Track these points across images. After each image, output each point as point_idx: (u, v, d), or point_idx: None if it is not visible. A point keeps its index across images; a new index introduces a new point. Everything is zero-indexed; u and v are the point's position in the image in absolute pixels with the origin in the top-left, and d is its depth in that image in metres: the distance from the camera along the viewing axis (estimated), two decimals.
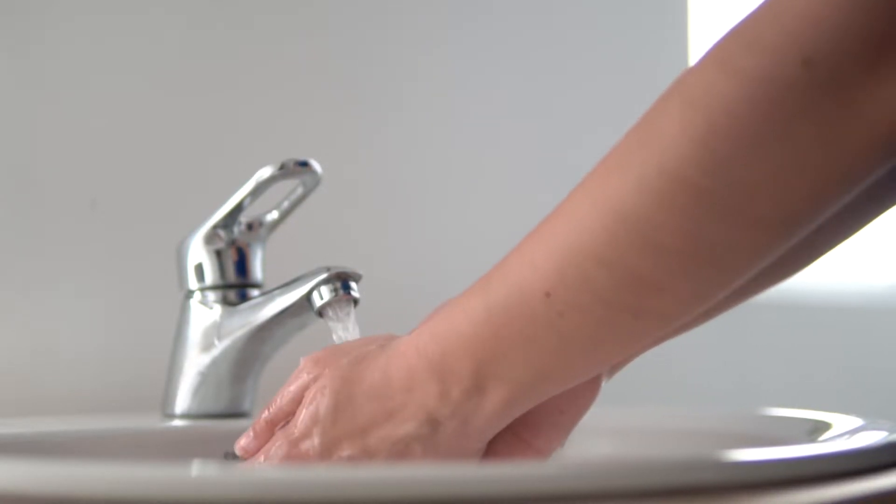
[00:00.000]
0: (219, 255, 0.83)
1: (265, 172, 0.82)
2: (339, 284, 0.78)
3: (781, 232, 0.57)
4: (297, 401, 0.67)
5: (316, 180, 0.84)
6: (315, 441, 0.65)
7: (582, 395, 0.68)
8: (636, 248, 0.58)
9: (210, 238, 0.83)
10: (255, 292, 0.84)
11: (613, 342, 0.62)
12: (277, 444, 0.67)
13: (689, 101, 0.56)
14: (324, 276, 0.78)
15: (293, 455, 0.66)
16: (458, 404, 0.64)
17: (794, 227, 0.57)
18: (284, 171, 0.82)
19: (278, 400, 0.68)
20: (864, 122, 0.54)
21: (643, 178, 0.57)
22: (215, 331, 0.83)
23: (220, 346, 0.82)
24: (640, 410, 0.89)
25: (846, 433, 0.70)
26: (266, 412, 0.69)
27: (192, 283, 0.84)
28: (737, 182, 0.55)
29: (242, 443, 0.70)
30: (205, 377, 0.83)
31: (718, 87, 0.55)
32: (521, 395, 0.64)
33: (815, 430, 0.73)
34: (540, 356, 0.62)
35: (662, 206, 0.57)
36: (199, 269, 0.83)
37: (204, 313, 0.83)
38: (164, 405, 0.84)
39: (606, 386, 0.70)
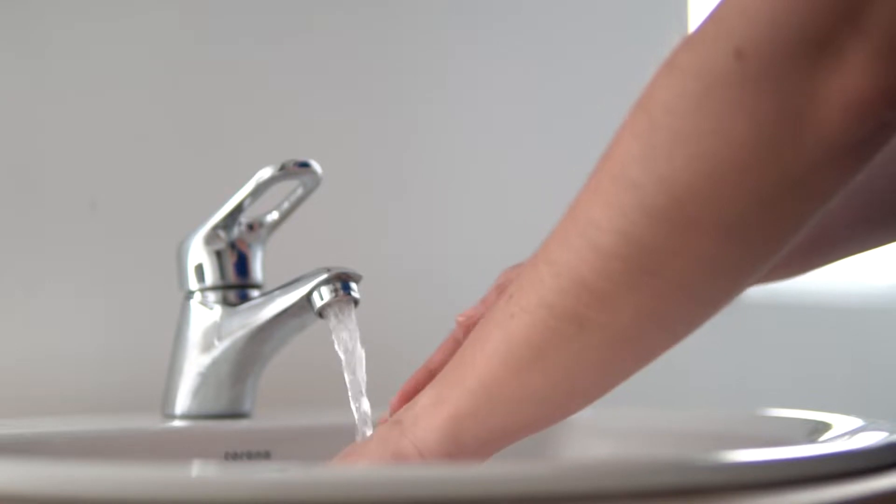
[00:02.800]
0: (219, 255, 0.83)
1: (265, 173, 0.82)
2: (339, 285, 0.78)
3: (727, 240, 0.54)
4: None
5: (316, 181, 0.84)
6: None
7: None
8: (579, 248, 0.57)
9: (210, 239, 0.83)
10: (255, 293, 0.84)
11: (559, 356, 0.59)
12: None
13: (638, 102, 0.56)
14: (324, 276, 0.78)
15: None
16: (416, 410, 0.64)
17: (743, 237, 0.54)
18: (284, 172, 0.82)
19: None
20: (806, 123, 0.52)
21: (594, 177, 0.57)
22: (215, 331, 0.83)
23: (220, 347, 0.82)
24: (640, 411, 0.89)
25: (846, 434, 0.70)
26: None
27: (193, 283, 0.84)
28: (671, 179, 0.54)
29: None
30: (205, 378, 0.83)
31: (660, 84, 0.55)
32: (466, 409, 0.62)
33: (816, 430, 0.73)
34: (488, 361, 0.61)
35: (604, 205, 0.56)
36: (200, 270, 0.83)
37: (204, 314, 0.83)
38: (164, 405, 0.84)
39: None
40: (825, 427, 0.73)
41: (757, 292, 0.82)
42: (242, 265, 0.84)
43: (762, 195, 0.53)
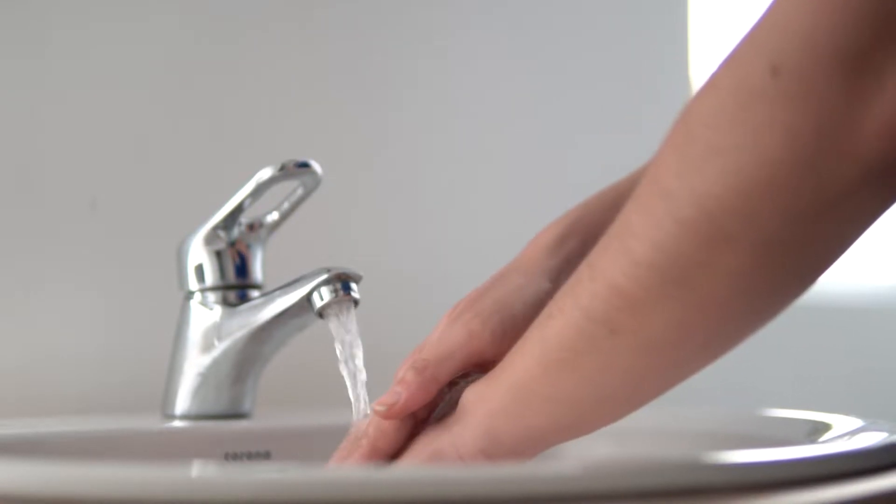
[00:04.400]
0: (219, 255, 0.83)
1: (265, 173, 0.82)
2: (339, 285, 0.78)
3: (759, 257, 0.54)
4: None
5: (316, 181, 0.84)
6: None
7: None
8: (615, 253, 0.57)
9: (210, 239, 0.83)
10: (255, 293, 0.84)
11: (591, 359, 0.59)
12: None
13: (680, 115, 0.56)
14: (324, 276, 0.78)
15: None
16: (462, 405, 0.65)
17: (775, 255, 0.54)
18: (284, 172, 0.82)
19: None
20: (842, 144, 0.52)
21: (638, 186, 0.57)
22: (215, 332, 0.83)
23: (220, 347, 0.82)
24: (640, 411, 0.89)
25: (846, 434, 0.70)
26: None
27: (193, 283, 0.84)
28: (703, 192, 0.54)
29: None
30: (205, 378, 0.83)
31: (699, 99, 0.55)
32: (501, 406, 0.63)
33: (815, 430, 0.73)
34: (524, 359, 0.62)
35: (640, 213, 0.56)
36: (200, 270, 0.83)
37: (204, 314, 0.83)
38: (164, 406, 0.84)
39: None
40: (825, 427, 0.73)
41: None
42: (242, 265, 0.84)
43: (796, 214, 0.53)
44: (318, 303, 0.78)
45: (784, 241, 0.54)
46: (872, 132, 0.51)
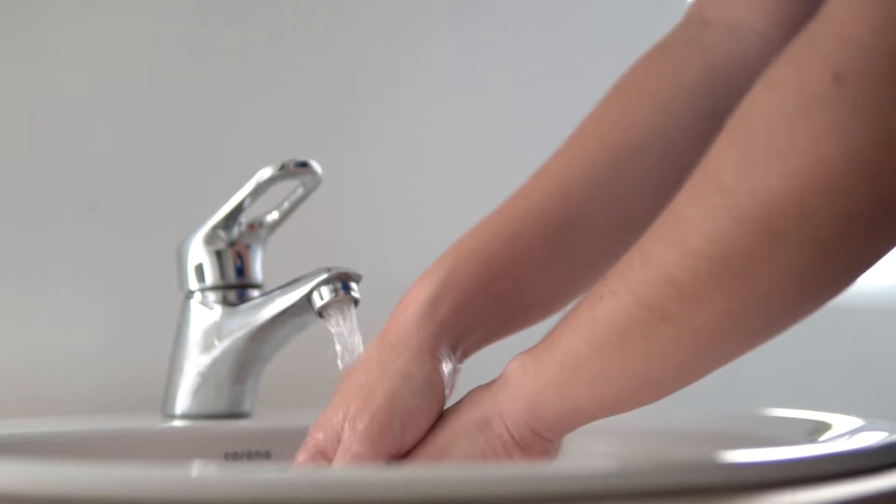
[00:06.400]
0: (219, 255, 0.83)
1: (265, 173, 0.82)
2: (339, 285, 0.78)
3: (817, 254, 0.55)
4: None
5: (316, 181, 0.84)
6: None
7: None
8: (669, 242, 0.58)
9: (210, 238, 0.83)
10: (255, 293, 0.84)
11: (639, 344, 0.61)
12: None
13: (737, 113, 0.57)
14: (324, 276, 0.78)
15: None
16: (505, 375, 0.67)
17: (834, 253, 0.56)
18: (284, 172, 0.82)
19: None
20: None
21: (693, 177, 0.58)
22: (215, 331, 0.83)
23: (220, 347, 0.82)
24: (640, 411, 0.89)
25: (846, 434, 0.70)
26: None
27: (193, 283, 0.84)
28: (763, 190, 0.55)
29: None
30: (205, 378, 0.83)
31: (759, 100, 0.56)
32: (547, 380, 0.64)
33: (815, 430, 0.73)
34: (572, 337, 0.63)
35: (696, 205, 0.57)
36: (200, 270, 0.83)
37: (204, 314, 0.83)
38: (165, 405, 0.84)
39: None
40: (825, 427, 0.73)
41: None
42: (242, 265, 0.84)
43: (852, 216, 0.54)
44: (318, 302, 0.78)
45: (839, 241, 0.55)
46: None
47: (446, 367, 0.70)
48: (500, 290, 0.72)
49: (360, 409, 0.69)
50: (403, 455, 0.69)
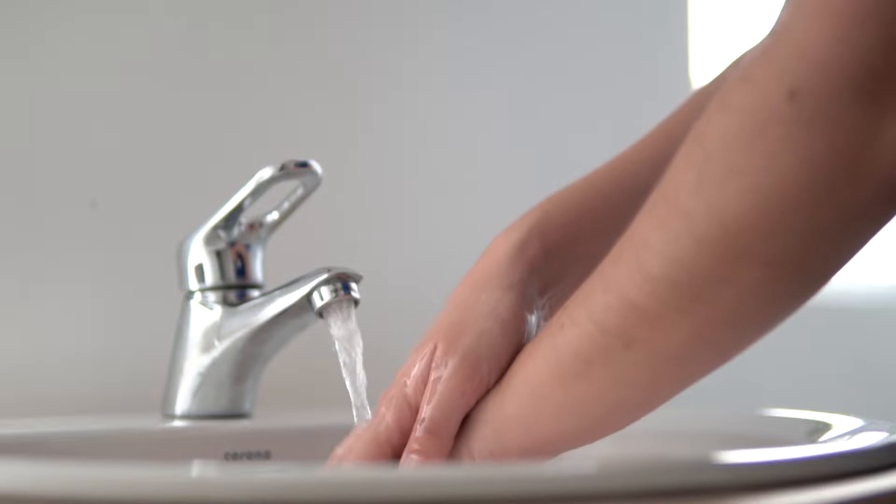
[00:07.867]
0: (219, 255, 0.83)
1: (265, 173, 0.82)
2: (339, 285, 0.78)
3: (777, 272, 0.55)
4: None
5: (316, 181, 0.84)
6: None
7: None
8: (629, 268, 0.58)
9: (210, 239, 0.83)
10: (255, 293, 0.84)
11: (604, 371, 0.60)
12: None
13: (693, 135, 0.57)
14: (324, 276, 0.78)
15: None
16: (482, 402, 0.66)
17: (794, 269, 0.55)
18: (284, 172, 0.82)
19: None
20: (860, 166, 0.53)
21: (651, 201, 0.58)
22: (215, 331, 0.83)
23: (220, 347, 0.82)
24: None
25: (846, 434, 0.70)
26: None
27: (193, 283, 0.84)
28: (722, 209, 0.55)
29: None
30: (205, 378, 0.83)
31: (714, 120, 0.56)
32: (511, 410, 0.63)
33: (816, 430, 0.73)
34: (535, 366, 0.62)
35: (656, 229, 0.57)
36: (200, 270, 0.83)
37: (204, 314, 0.83)
38: (164, 406, 0.84)
39: None
40: (825, 427, 0.73)
41: None
42: (242, 265, 0.84)
43: (813, 231, 0.54)
44: (318, 303, 0.78)
45: (801, 256, 0.55)
46: (888, 155, 0.53)
47: (532, 317, 0.68)
48: (584, 246, 0.70)
49: (446, 349, 0.67)
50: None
